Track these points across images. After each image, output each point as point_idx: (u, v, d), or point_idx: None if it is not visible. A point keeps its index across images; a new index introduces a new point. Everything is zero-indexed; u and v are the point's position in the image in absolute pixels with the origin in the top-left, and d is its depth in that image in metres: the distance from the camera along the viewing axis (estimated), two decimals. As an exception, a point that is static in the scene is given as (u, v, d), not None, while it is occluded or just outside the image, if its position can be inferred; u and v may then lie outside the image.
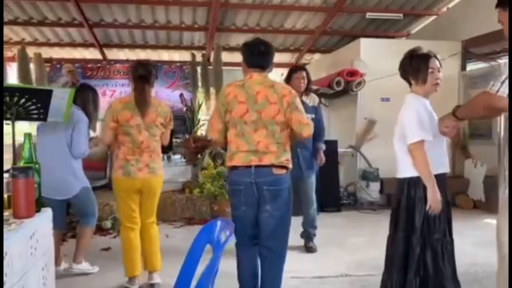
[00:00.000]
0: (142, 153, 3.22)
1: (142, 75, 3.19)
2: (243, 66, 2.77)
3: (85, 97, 3.59)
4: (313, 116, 4.07)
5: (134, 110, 3.18)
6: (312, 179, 4.38)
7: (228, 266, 3.31)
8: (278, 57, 9.98)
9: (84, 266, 3.65)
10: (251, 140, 2.60)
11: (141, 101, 3.17)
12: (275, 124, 2.60)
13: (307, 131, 2.65)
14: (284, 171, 2.66)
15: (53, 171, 3.34)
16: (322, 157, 4.33)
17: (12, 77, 8.34)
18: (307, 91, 4.24)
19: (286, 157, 2.67)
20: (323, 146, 4.35)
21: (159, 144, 3.32)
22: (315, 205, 4.40)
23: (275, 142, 2.61)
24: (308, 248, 4.33)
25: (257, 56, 2.69)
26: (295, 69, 4.29)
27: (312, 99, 4.31)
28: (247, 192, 2.63)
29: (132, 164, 3.20)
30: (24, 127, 4.38)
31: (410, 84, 2.62)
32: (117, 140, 3.25)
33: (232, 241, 3.09)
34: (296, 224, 5.05)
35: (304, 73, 4.16)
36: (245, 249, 2.79)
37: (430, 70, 2.52)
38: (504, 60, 6.51)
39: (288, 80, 4.23)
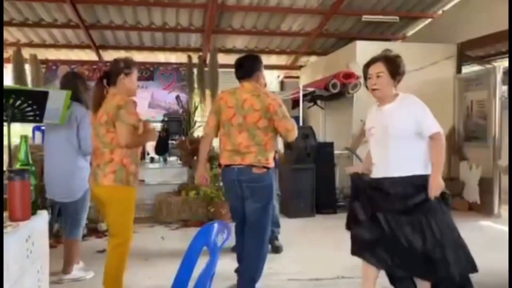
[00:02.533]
0: (95, 157, 2.87)
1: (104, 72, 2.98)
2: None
3: (72, 88, 3.32)
4: None
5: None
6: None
7: (225, 267, 3.31)
8: (274, 59, 10.03)
9: (75, 274, 3.52)
10: (235, 141, 3.03)
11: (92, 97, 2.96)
12: (256, 128, 3.01)
13: (291, 136, 3.10)
14: (264, 170, 3.04)
15: (58, 172, 3.32)
16: None
17: (6, 79, 8.30)
18: None
19: (265, 157, 3.04)
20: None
21: (108, 148, 2.78)
22: (277, 205, 4.53)
23: (255, 143, 3.01)
24: (276, 248, 4.34)
25: (237, 69, 3.20)
26: None
27: None
28: (232, 188, 3.13)
29: (91, 170, 2.95)
30: (18, 129, 4.35)
31: None
32: None
33: (229, 243, 3.11)
34: (296, 226, 5.07)
35: None
36: (239, 232, 3.26)
37: (368, 76, 2.65)
38: (499, 63, 6.55)
39: None
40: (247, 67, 3.16)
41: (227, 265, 3.47)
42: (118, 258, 2.85)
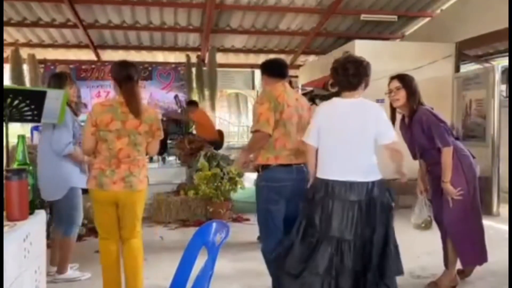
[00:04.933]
0: (120, 163, 2.82)
1: (130, 74, 2.85)
2: (265, 79, 3.18)
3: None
4: None
5: (115, 113, 2.81)
6: None
7: (223, 268, 3.31)
8: (273, 59, 10.01)
9: (70, 274, 3.47)
10: (294, 140, 2.98)
11: (134, 101, 2.83)
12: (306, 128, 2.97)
13: None
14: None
15: (41, 171, 3.31)
16: None
17: (5, 79, 8.28)
18: None
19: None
20: None
21: (142, 156, 2.91)
22: None
23: None
24: None
25: (281, 69, 3.18)
26: None
27: None
28: (288, 189, 2.93)
29: (106, 175, 2.82)
30: (17, 129, 4.35)
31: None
32: (96, 148, 2.90)
33: (227, 243, 3.09)
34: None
35: None
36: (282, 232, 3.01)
37: None
38: (497, 62, 6.57)
39: None
40: (287, 70, 3.27)
41: (226, 265, 3.47)
42: (140, 254, 2.97)
